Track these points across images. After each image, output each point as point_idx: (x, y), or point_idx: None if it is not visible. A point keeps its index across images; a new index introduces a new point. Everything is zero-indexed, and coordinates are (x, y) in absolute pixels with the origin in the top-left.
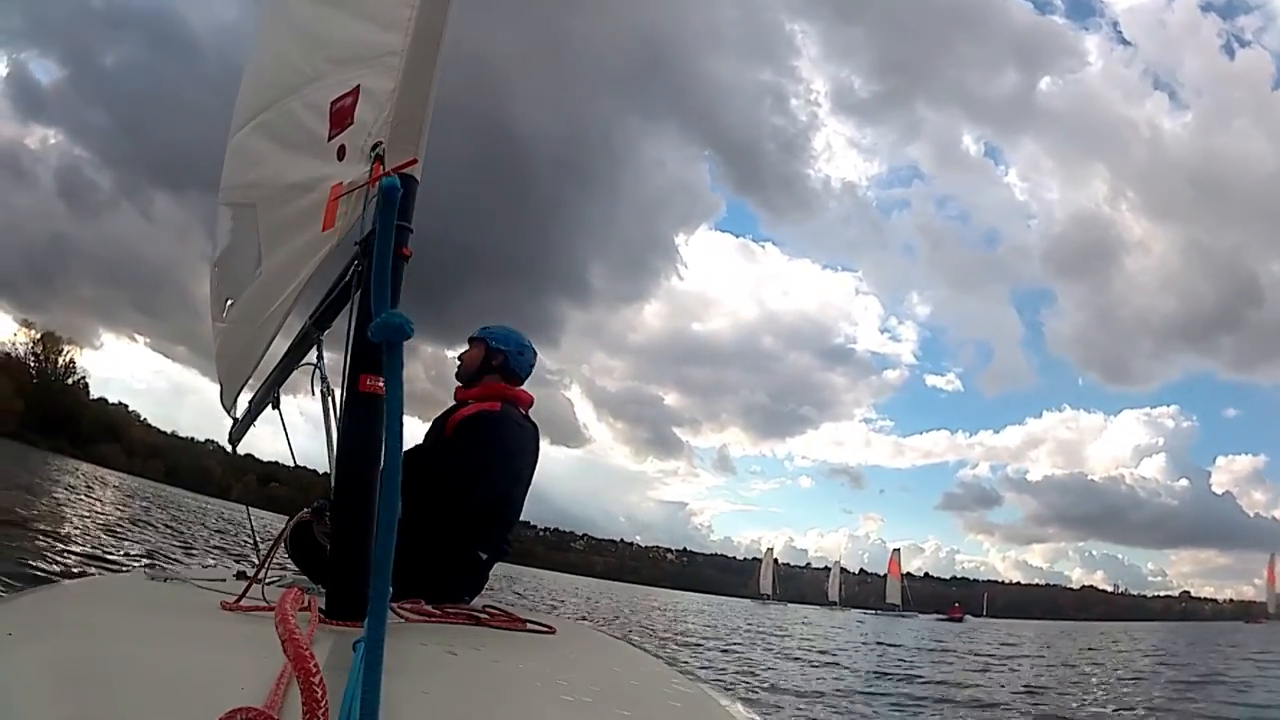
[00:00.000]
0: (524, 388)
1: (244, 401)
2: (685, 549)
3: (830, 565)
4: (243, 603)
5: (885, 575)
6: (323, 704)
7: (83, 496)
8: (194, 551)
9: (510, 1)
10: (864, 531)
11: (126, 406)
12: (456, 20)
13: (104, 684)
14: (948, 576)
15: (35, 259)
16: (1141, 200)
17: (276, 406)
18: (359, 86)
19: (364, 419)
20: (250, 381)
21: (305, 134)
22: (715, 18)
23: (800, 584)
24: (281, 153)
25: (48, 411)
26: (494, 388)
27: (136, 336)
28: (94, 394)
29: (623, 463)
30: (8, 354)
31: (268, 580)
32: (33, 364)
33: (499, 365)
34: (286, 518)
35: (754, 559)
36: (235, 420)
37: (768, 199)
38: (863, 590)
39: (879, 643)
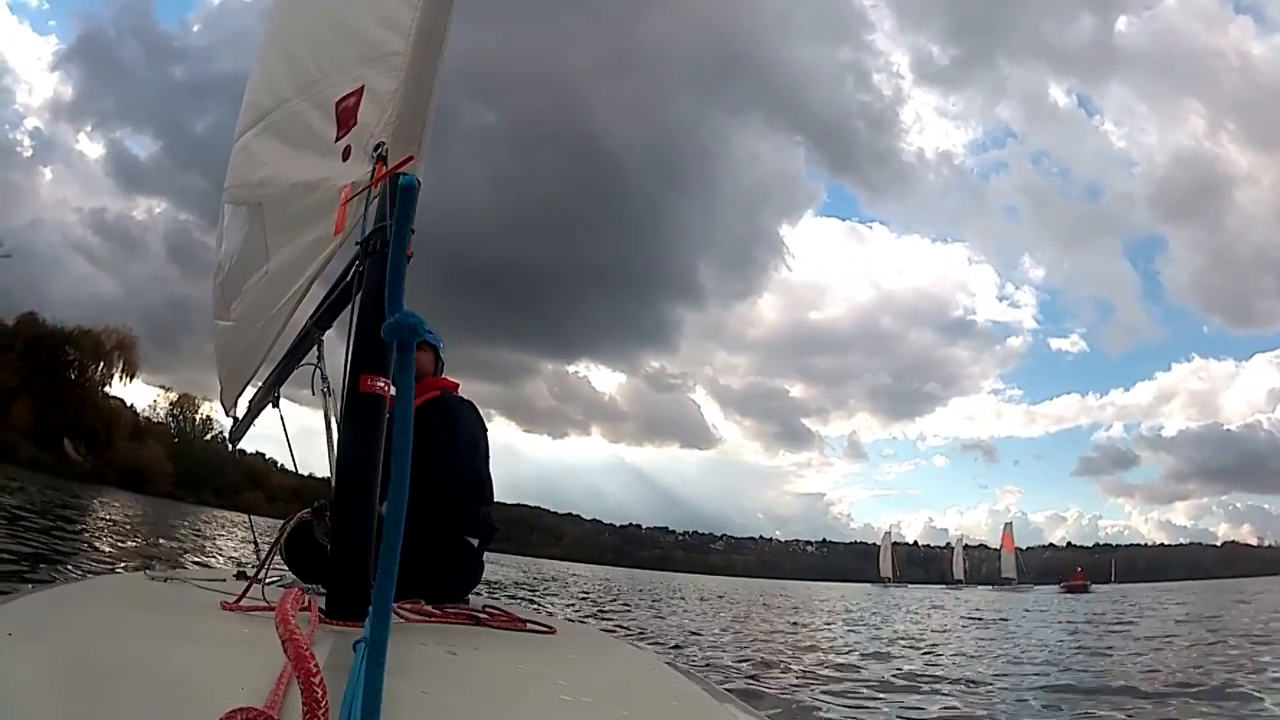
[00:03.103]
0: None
1: (245, 402)
2: (824, 540)
3: (964, 543)
4: (243, 603)
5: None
6: (323, 704)
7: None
8: None
9: (579, 16)
10: (1003, 505)
11: (264, 455)
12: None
13: (104, 684)
14: (1090, 544)
15: (157, 323)
16: (1243, 131)
17: (277, 406)
18: (363, 87)
19: (364, 419)
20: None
21: (311, 134)
22: (784, 1)
23: (941, 564)
24: (289, 152)
25: (192, 468)
26: (429, 380)
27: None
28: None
29: (755, 459)
30: (148, 418)
31: (268, 580)
32: (173, 425)
33: (440, 370)
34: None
35: (893, 544)
36: (235, 420)
37: (865, 178)
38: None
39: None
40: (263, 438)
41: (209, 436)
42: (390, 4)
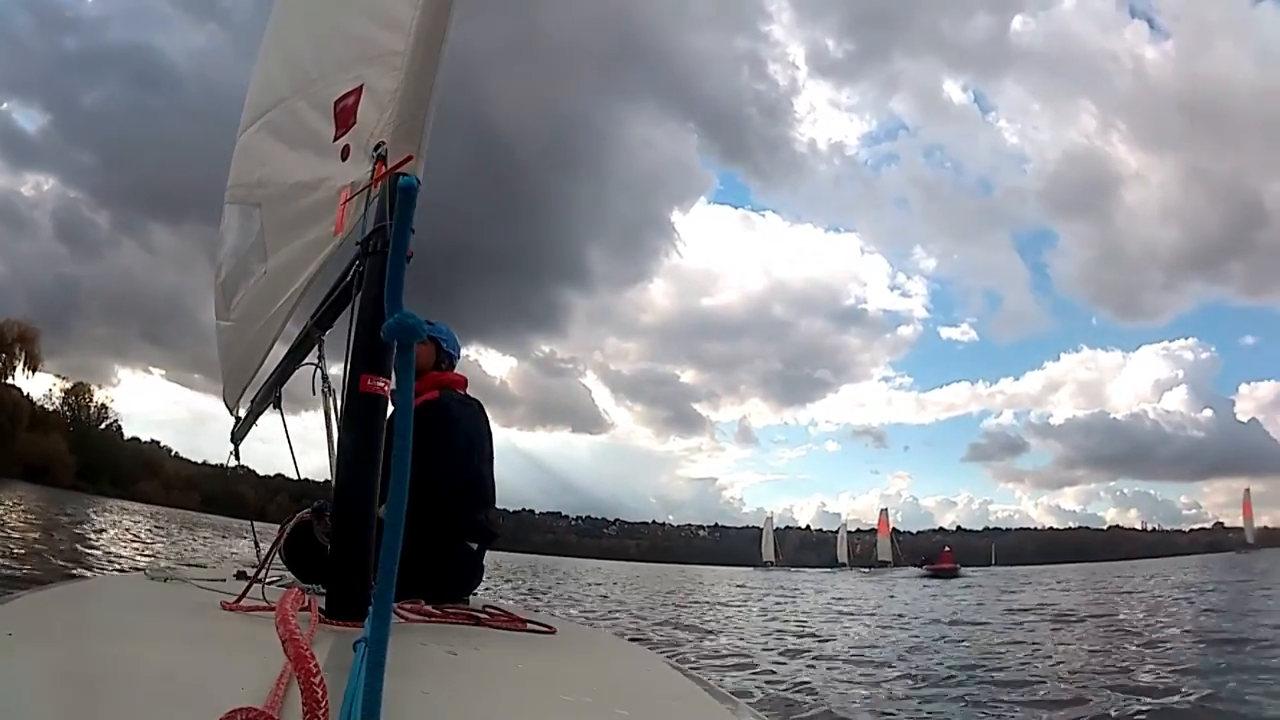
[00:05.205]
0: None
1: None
2: (717, 524)
3: (850, 527)
4: (243, 603)
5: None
6: (323, 704)
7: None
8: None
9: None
10: (894, 490)
11: (158, 443)
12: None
13: (104, 684)
14: (980, 528)
15: (44, 304)
16: (1133, 132)
17: (278, 406)
18: (362, 86)
19: (364, 419)
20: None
21: (310, 133)
22: None
23: (832, 548)
24: (287, 152)
25: (88, 457)
26: (432, 378)
27: (152, 369)
28: (125, 433)
29: (647, 444)
30: (44, 408)
31: (268, 581)
32: (68, 414)
33: (444, 363)
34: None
35: (785, 528)
36: (238, 419)
37: (757, 167)
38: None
39: None
40: (155, 424)
41: (104, 425)
42: (390, 3)
